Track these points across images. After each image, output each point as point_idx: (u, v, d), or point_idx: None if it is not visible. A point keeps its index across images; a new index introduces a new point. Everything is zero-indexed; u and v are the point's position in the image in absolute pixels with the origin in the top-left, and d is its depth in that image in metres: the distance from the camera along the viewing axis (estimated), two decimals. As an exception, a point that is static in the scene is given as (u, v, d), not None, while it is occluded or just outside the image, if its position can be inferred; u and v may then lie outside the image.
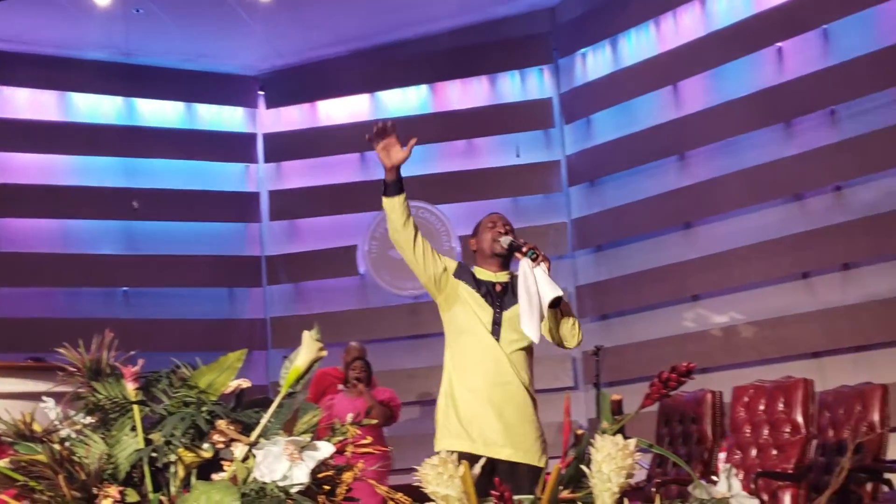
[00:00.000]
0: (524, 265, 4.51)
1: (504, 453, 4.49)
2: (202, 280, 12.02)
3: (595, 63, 11.41)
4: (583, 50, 11.50)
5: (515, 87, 11.83)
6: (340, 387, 8.80)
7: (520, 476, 4.39)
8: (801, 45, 9.79)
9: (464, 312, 4.67)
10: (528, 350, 4.70)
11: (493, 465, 4.33)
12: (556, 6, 11.71)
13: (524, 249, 4.56)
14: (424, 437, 10.43)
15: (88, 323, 10.54)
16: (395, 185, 4.64)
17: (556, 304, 4.51)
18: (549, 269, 4.52)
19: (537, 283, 4.47)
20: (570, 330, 4.65)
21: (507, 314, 4.63)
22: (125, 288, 11.91)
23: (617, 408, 7.63)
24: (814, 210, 9.59)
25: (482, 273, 4.76)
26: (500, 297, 4.67)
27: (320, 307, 11.94)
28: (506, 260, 4.77)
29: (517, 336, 4.59)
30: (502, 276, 4.74)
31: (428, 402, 10.32)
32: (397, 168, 4.64)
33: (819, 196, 9.58)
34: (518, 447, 4.50)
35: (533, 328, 4.45)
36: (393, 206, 4.63)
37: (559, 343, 4.71)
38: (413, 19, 11.59)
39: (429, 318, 11.44)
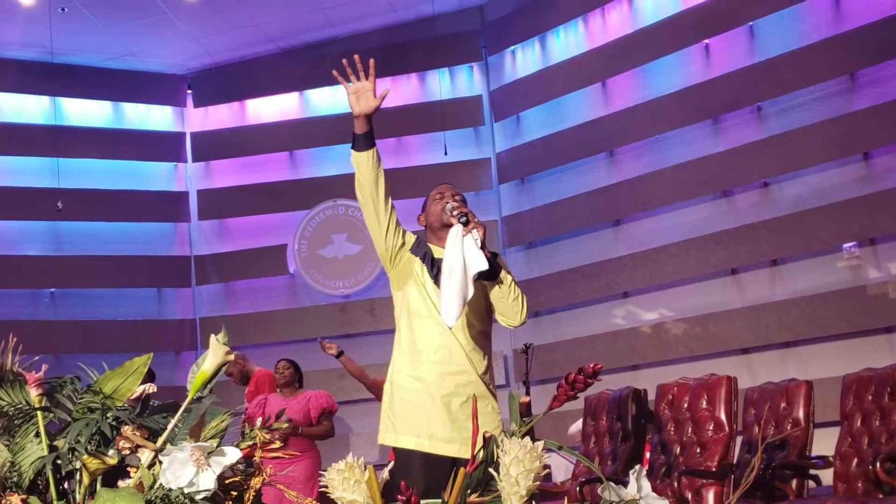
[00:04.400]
0: (453, 233, 4.19)
1: (450, 450, 4.13)
2: (130, 281, 11.86)
3: (524, 60, 11.43)
4: (512, 47, 11.50)
5: (445, 84, 11.80)
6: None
7: None
8: (728, 42, 9.85)
9: (416, 292, 4.33)
10: (486, 335, 4.38)
11: (441, 462, 4.08)
12: (486, 4, 11.71)
13: (455, 213, 4.25)
14: (353, 437, 10.45)
15: (14, 325, 10.32)
16: (367, 137, 4.25)
17: (490, 276, 4.22)
18: (482, 238, 4.18)
19: (465, 255, 4.14)
20: (512, 306, 4.28)
21: None
22: (52, 289, 11.74)
23: (525, 409, 7.63)
24: (742, 206, 9.66)
25: (436, 250, 4.40)
26: None
27: (250, 307, 11.86)
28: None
29: (472, 320, 4.27)
30: None
31: (357, 402, 10.28)
32: (368, 117, 4.24)
33: (747, 192, 9.65)
34: (466, 443, 4.02)
35: (450, 309, 4.08)
36: (361, 160, 4.26)
37: (503, 321, 4.38)
38: (342, 17, 11.53)
39: (358, 318, 11.45)
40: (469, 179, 11.51)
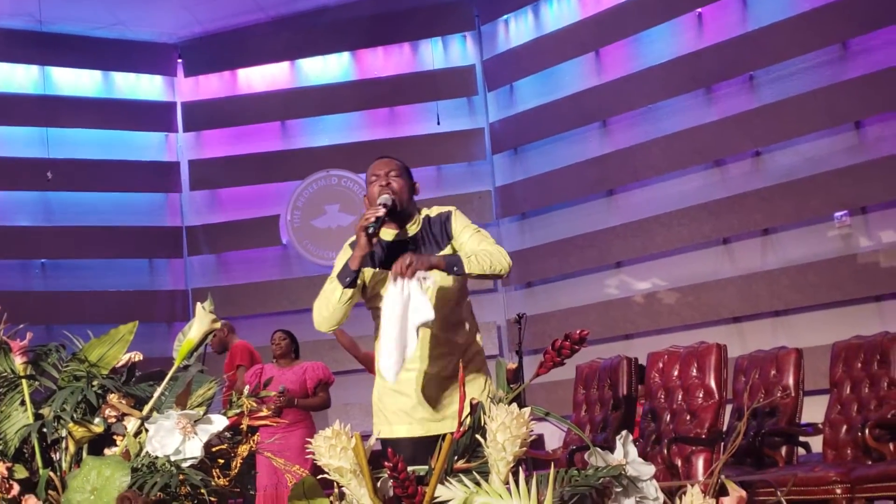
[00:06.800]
0: (391, 287, 3.86)
1: (441, 427, 4.04)
2: (122, 251, 11.84)
3: (517, 30, 11.38)
4: (505, 16, 11.46)
5: (438, 54, 11.75)
6: None
7: None
8: (721, 11, 9.84)
9: (381, 294, 4.10)
10: (462, 312, 4.20)
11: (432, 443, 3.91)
12: (479, -28, 11.67)
13: (378, 205, 4.06)
14: (346, 406, 10.47)
15: (5, 296, 10.32)
16: (356, 276, 4.07)
17: (457, 272, 3.97)
18: (426, 274, 3.87)
19: (407, 304, 3.82)
20: (493, 273, 4.02)
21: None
22: (43, 260, 11.72)
23: (513, 376, 7.64)
24: (733, 176, 9.66)
25: (387, 234, 4.23)
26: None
27: (243, 278, 11.85)
28: (402, 212, 4.18)
29: (444, 304, 4.06)
30: (411, 229, 4.21)
31: (350, 373, 10.28)
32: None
33: (739, 162, 9.66)
34: (455, 416, 3.76)
35: (389, 366, 3.84)
36: (345, 297, 4.07)
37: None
38: (334, -15, 11.48)
39: (351, 288, 11.42)
40: (462, 149, 11.50)
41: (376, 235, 4.04)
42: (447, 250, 4.16)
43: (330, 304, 4.12)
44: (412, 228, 4.22)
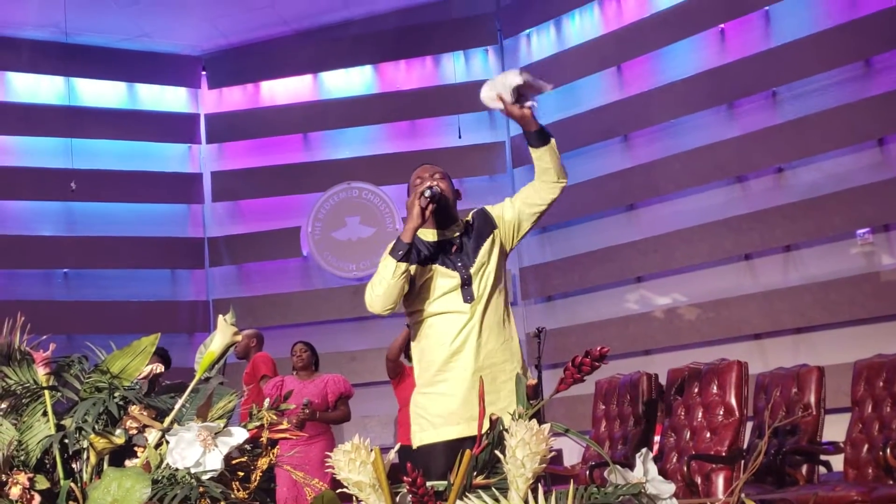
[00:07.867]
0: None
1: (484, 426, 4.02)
2: (144, 262, 11.88)
3: (539, 44, 11.39)
4: (527, 31, 11.47)
5: (460, 67, 11.77)
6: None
7: None
8: (744, 27, 9.82)
9: (427, 291, 4.18)
10: (500, 287, 4.23)
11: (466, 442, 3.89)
12: (501, -13, 11.69)
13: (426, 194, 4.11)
14: (364, 419, 10.48)
15: (28, 305, 10.39)
16: (410, 249, 4.10)
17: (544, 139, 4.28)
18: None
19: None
20: (559, 164, 4.33)
21: (474, 270, 4.17)
22: (65, 270, 11.77)
23: (533, 392, 7.63)
24: (756, 192, 9.64)
25: (428, 234, 4.27)
26: (458, 255, 4.21)
27: (263, 289, 11.88)
28: (446, 211, 4.25)
29: (484, 298, 4.13)
30: (454, 232, 4.29)
31: (369, 385, 10.30)
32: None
33: (761, 178, 9.63)
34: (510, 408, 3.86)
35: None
36: (399, 270, 4.08)
37: (553, 178, 4.37)
38: (357, -1, 11.52)
39: (372, 301, 11.43)
40: (483, 163, 11.51)
41: (433, 203, 4.08)
42: (493, 238, 4.30)
43: (384, 280, 4.08)
44: (454, 232, 4.27)
